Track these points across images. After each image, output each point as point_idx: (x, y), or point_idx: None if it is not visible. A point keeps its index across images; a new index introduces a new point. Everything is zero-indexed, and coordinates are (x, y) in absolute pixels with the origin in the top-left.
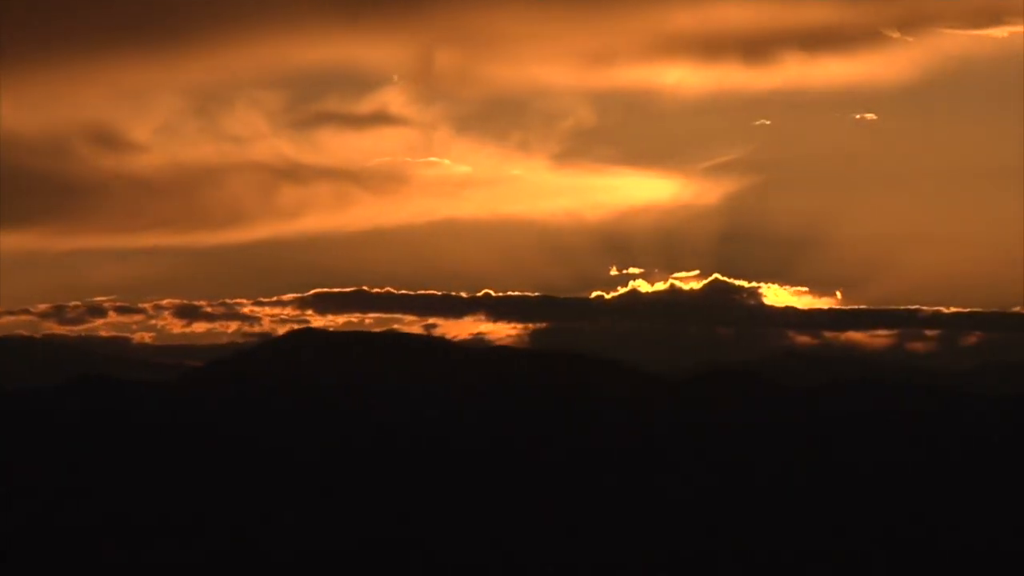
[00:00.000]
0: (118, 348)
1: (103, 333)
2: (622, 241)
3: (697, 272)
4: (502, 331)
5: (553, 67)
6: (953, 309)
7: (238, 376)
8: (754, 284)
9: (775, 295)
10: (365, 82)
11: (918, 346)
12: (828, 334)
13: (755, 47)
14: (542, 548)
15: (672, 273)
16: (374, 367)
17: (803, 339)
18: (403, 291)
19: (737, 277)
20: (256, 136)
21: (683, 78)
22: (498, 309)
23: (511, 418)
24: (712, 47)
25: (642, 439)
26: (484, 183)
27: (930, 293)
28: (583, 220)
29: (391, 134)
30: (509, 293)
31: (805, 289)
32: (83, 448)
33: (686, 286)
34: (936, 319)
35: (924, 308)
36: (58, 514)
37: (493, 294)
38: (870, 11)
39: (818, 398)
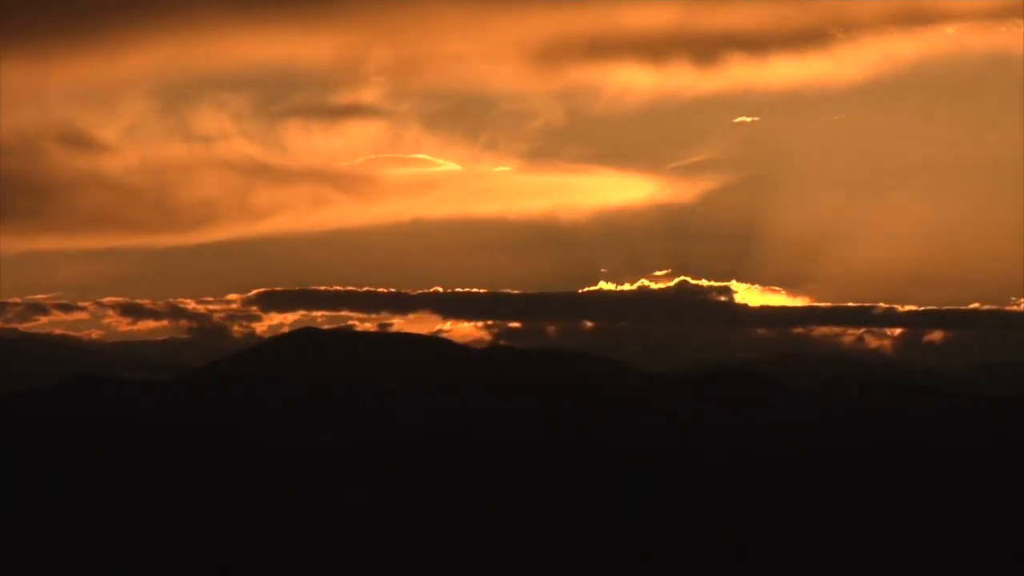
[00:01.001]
0: (118, 348)
1: (47, 331)
2: (590, 240)
3: (667, 272)
4: (464, 330)
5: (514, 67)
6: (910, 307)
7: (238, 376)
8: (720, 283)
9: (744, 294)
10: (334, 83)
11: (884, 343)
12: (796, 331)
13: (703, 48)
14: (542, 548)
15: (641, 272)
16: (374, 367)
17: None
18: (349, 288)
19: (705, 276)
20: (222, 136)
21: (639, 80)
22: (449, 307)
23: (512, 418)
24: (661, 48)
25: (642, 439)
26: (452, 183)
27: (884, 290)
28: (550, 219)
29: (358, 135)
30: (469, 290)
31: (761, 287)
32: (83, 448)
33: (655, 285)
34: (905, 317)
35: (884, 305)
36: (58, 514)
37: (442, 291)
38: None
39: (818, 398)
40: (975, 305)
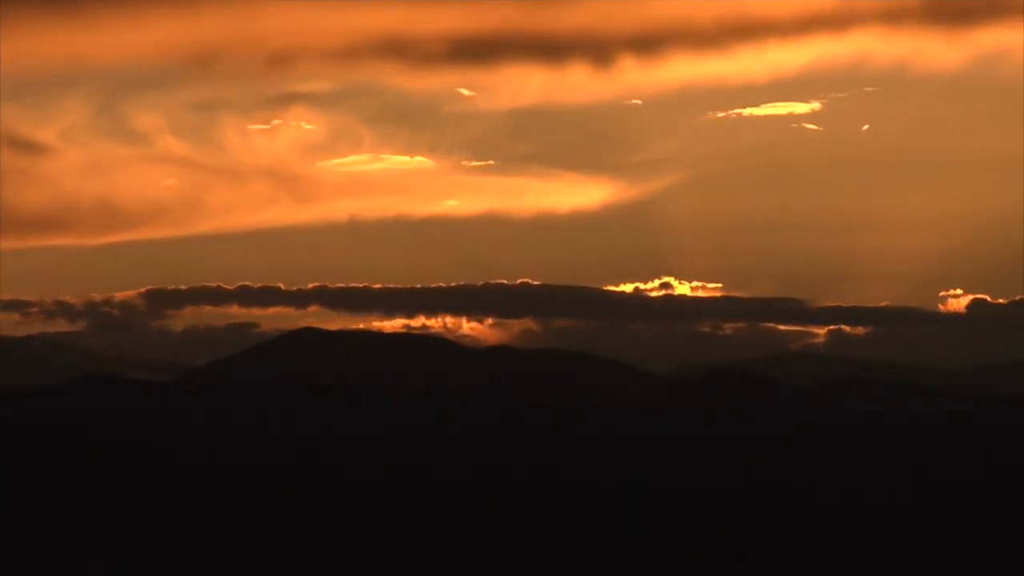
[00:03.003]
0: (118, 348)
1: None
2: (528, 240)
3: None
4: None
5: (454, 65)
6: (833, 303)
7: (237, 376)
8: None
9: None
10: (271, 82)
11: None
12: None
13: (644, 47)
14: (541, 547)
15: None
16: (374, 366)
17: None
18: (260, 285)
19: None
20: (158, 136)
21: (580, 81)
22: (333, 301)
23: (511, 417)
24: (603, 48)
25: (642, 439)
26: (389, 184)
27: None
28: (484, 218)
29: (297, 134)
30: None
31: (701, 284)
32: (83, 448)
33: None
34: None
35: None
36: (58, 514)
37: (329, 286)
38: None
39: (817, 398)
40: (886, 303)
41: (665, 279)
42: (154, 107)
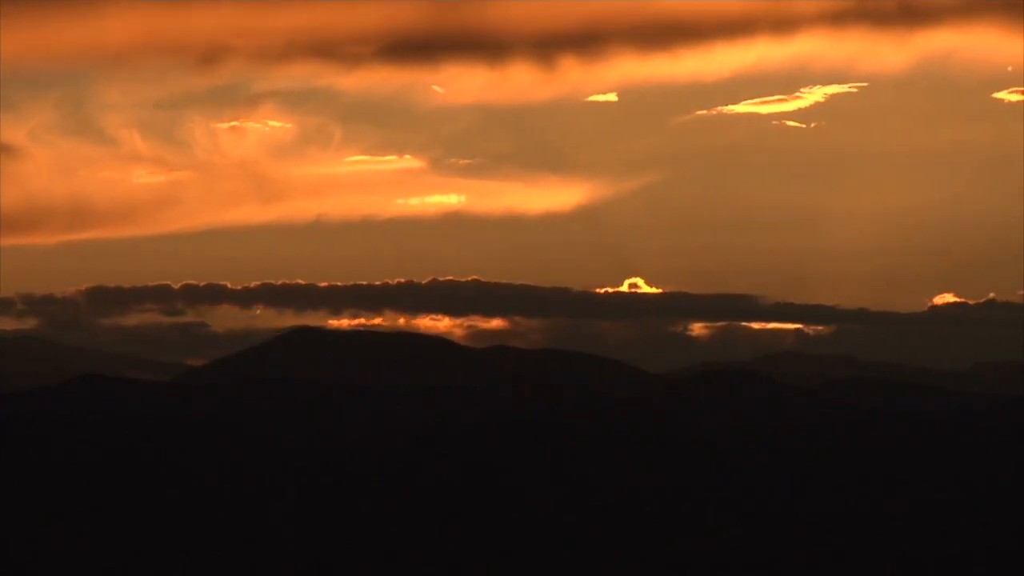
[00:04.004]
0: (118, 348)
1: None
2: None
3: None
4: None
5: (423, 65)
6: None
7: (237, 375)
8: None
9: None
10: (239, 81)
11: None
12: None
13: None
14: (541, 547)
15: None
16: (374, 366)
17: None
18: (206, 283)
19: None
20: (125, 135)
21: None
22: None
23: (511, 417)
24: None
25: (641, 439)
26: (357, 184)
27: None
28: (455, 218)
29: (263, 133)
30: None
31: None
32: (83, 447)
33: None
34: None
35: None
36: (60, 514)
37: (274, 284)
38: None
39: (817, 397)
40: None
41: (633, 279)
42: (121, 106)
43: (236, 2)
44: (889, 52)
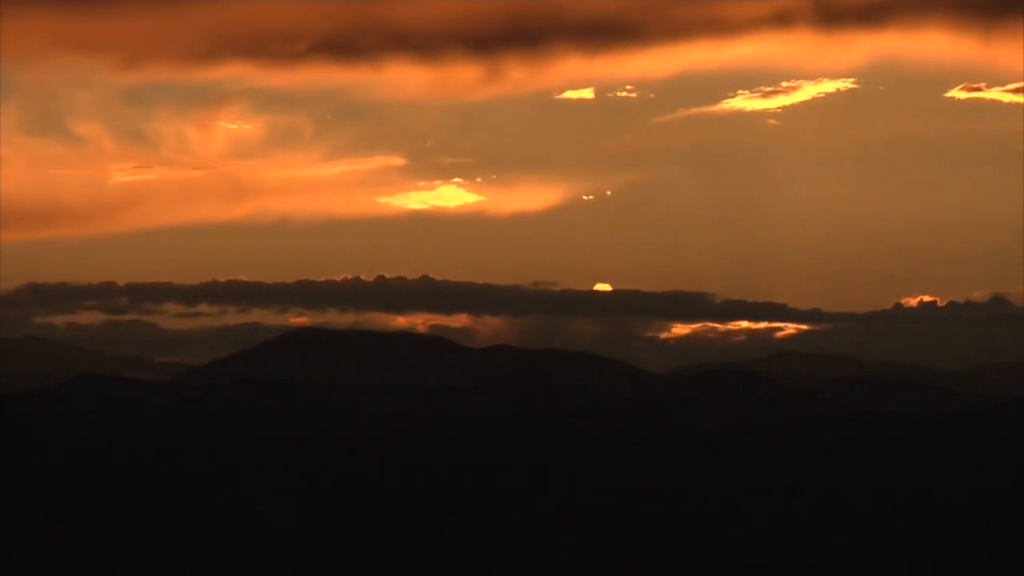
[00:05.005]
0: (118, 347)
1: None
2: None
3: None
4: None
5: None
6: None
7: (238, 375)
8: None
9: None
10: (204, 79)
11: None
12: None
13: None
14: (541, 547)
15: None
16: (375, 365)
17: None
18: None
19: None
20: (92, 133)
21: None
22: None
23: (512, 417)
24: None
25: (641, 439)
26: (323, 184)
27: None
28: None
29: (229, 135)
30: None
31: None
32: (83, 448)
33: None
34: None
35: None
36: (60, 514)
37: (220, 280)
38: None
39: (817, 397)
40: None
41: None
42: (89, 106)
43: (198, 2)
44: (841, 53)
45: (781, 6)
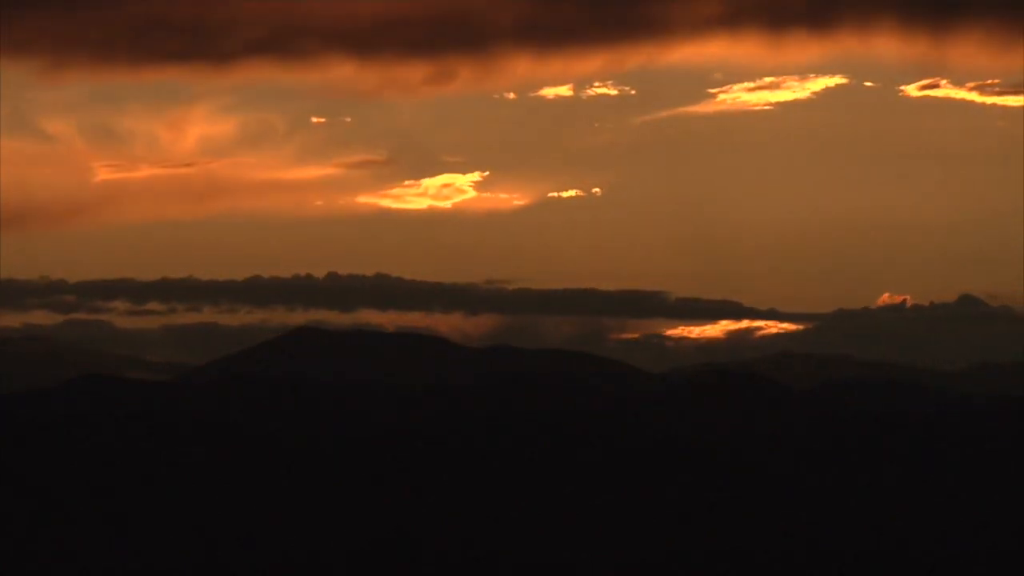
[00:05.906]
0: (118, 347)
1: None
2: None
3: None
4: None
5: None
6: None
7: (237, 375)
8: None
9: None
10: (175, 83)
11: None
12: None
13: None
14: (541, 547)
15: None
16: (375, 365)
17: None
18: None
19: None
20: (62, 132)
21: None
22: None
23: (513, 417)
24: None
25: (641, 439)
26: (296, 183)
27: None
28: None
29: (200, 135)
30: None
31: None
32: (83, 448)
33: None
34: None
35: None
36: (60, 514)
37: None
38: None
39: (818, 398)
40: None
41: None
42: (58, 103)
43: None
44: (795, 50)
45: (733, 6)
